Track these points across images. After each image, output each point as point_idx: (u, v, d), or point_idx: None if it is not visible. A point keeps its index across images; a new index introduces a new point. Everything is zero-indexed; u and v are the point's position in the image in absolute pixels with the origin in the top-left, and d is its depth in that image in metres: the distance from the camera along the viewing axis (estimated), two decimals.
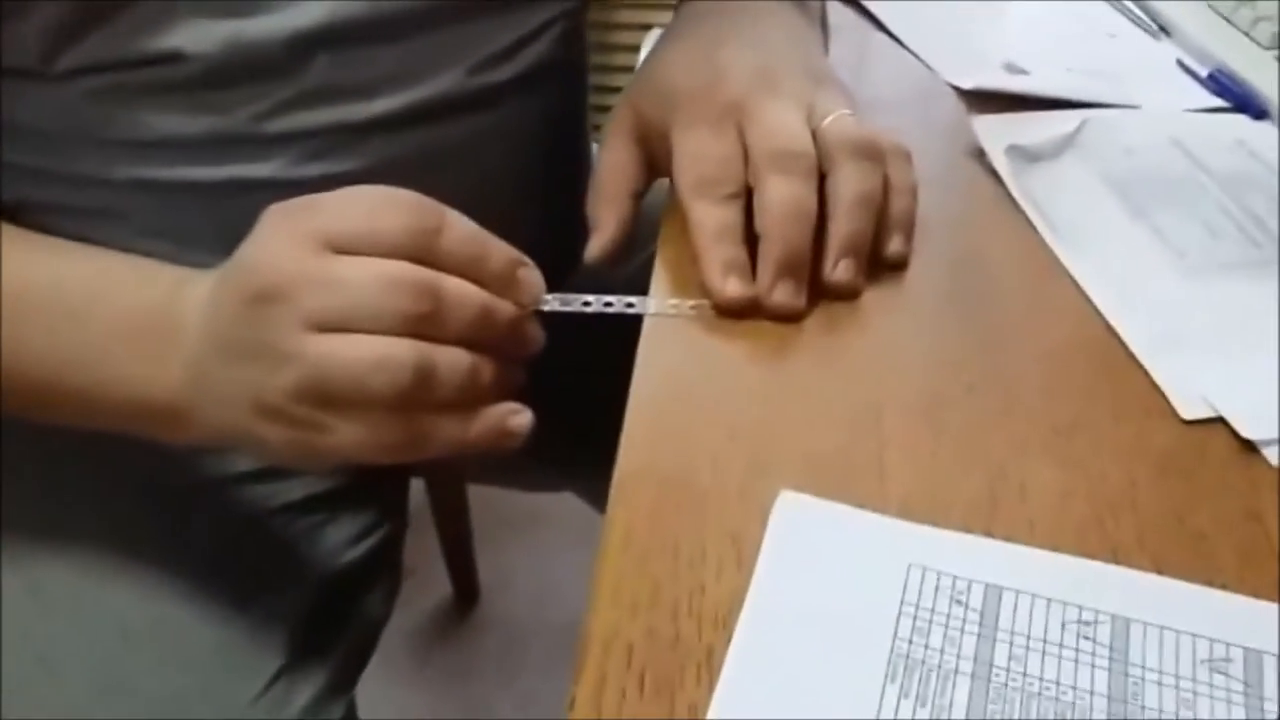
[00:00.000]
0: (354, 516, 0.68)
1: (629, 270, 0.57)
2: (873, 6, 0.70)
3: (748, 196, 0.49)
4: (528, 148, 0.63)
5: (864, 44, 0.68)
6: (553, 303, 0.49)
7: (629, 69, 1.67)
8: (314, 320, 0.43)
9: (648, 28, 1.63)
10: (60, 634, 0.58)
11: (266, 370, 0.43)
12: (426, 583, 1.33)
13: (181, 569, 0.60)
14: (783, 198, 0.47)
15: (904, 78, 0.65)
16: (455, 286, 0.45)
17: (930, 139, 0.60)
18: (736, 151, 0.49)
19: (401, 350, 0.43)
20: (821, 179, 0.48)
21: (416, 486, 1.13)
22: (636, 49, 1.63)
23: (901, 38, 0.67)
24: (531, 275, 0.48)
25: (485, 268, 0.46)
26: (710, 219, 0.49)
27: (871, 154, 0.49)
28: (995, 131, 0.57)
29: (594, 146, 0.80)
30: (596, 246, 0.55)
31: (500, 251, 0.46)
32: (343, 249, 0.44)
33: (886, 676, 0.34)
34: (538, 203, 0.66)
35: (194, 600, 0.60)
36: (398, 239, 0.44)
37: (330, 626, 0.66)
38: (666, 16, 0.60)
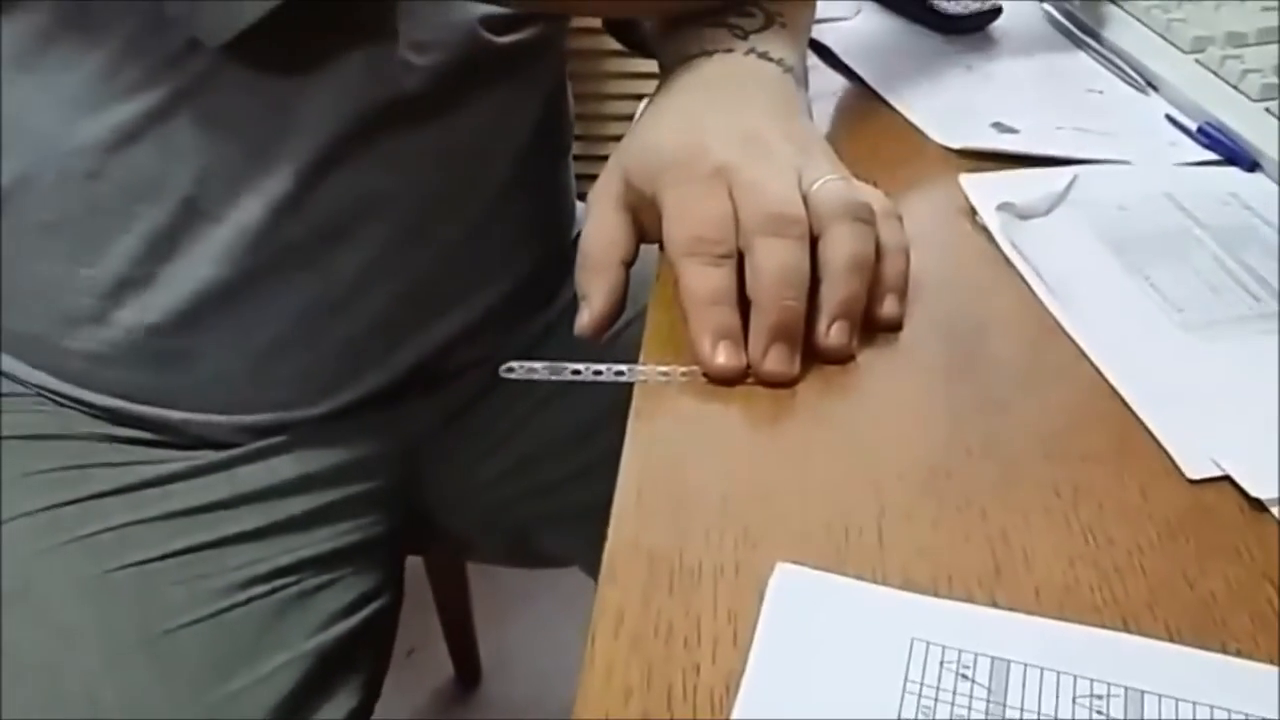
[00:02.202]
0: (346, 586, 0.68)
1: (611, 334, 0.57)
2: (860, 70, 0.70)
3: (739, 260, 0.48)
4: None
5: (851, 107, 0.68)
6: (541, 371, 0.48)
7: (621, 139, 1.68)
8: None
9: (639, 98, 1.64)
10: (28, 702, 0.57)
11: None
12: (428, 663, 1.30)
13: (155, 637, 0.60)
14: (775, 263, 0.47)
15: (892, 139, 0.65)
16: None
17: (921, 200, 0.59)
18: (727, 211, 0.48)
19: None
20: (813, 243, 0.48)
21: (416, 564, 1.11)
22: (628, 118, 1.64)
23: (889, 99, 0.67)
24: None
25: None
26: (701, 282, 0.48)
27: (862, 216, 0.48)
28: (985, 190, 0.56)
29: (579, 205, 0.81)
30: (587, 319, 0.54)
31: None
32: None
33: None
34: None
35: (167, 671, 0.59)
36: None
37: (319, 699, 0.64)
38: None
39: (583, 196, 0.82)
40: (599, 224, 0.55)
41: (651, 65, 0.66)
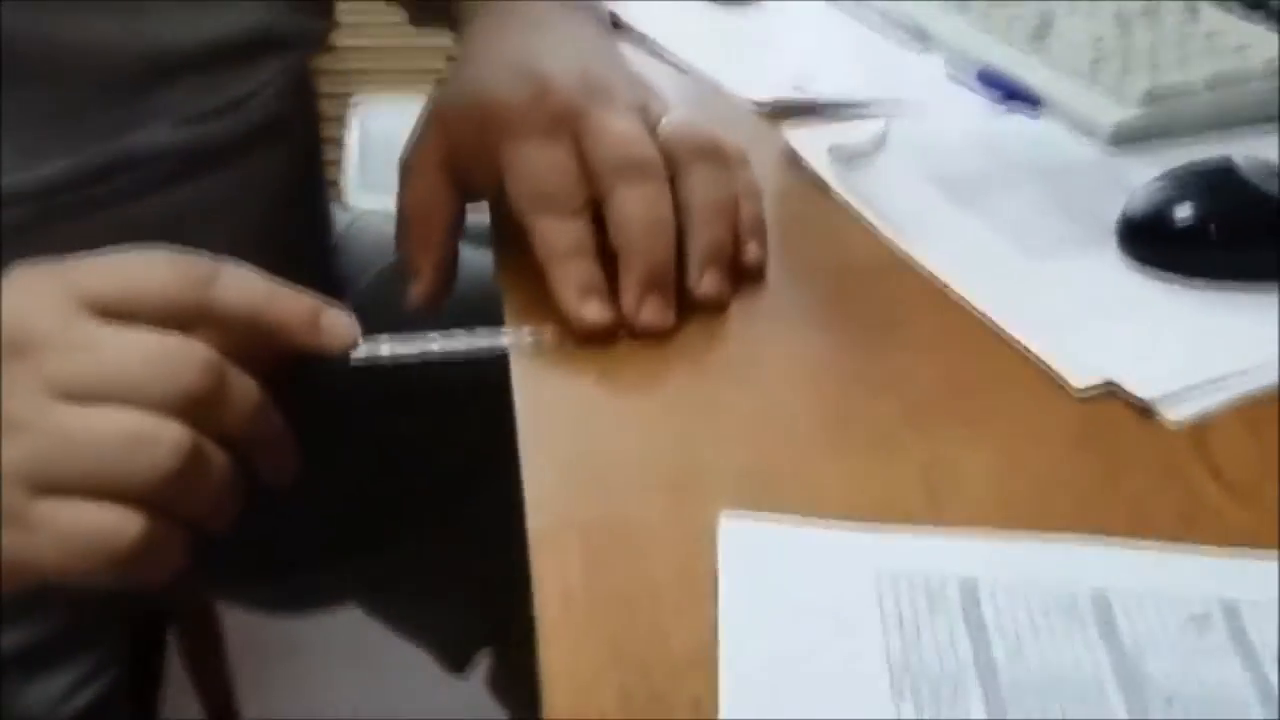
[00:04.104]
0: (63, 669, 0.58)
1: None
2: (642, 29, 0.68)
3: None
4: (260, 209, 0.56)
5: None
6: (387, 346, 0.43)
7: (332, 140, 1.59)
8: (61, 385, 0.35)
9: (347, 96, 1.57)
10: None
11: None
12: None
13: None
14: (639, 209, 0.44)
15: (686, 98, 0.64)
16: (237, 373, 0.38)
17: None
18: (575, 161, 0.45)
19: (172, 429, 0.36)
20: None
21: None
22: (339, 119, 1.56)
23: (682, 59, 0.66)
24: (339, 319, 0.41)
25: (275, 316, 0.40)
26: (558, 236, 0.44)
27: (718, 156, 0.46)
28: (810, 141, 0.56)
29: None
30: (418, 292, 0.49)
31: (293, 297, 0.40)
32: (106, 309, 0.37)
33: (896, 695, 0.31)
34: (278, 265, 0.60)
35: None
36: (168, 292, 0.38)
37: None
38: (368, 85, 0.56)
39: None
40: (420, 190, 0.50)
41: None
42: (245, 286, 0.39)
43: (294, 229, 0.61)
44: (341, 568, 0.70)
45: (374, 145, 1.41)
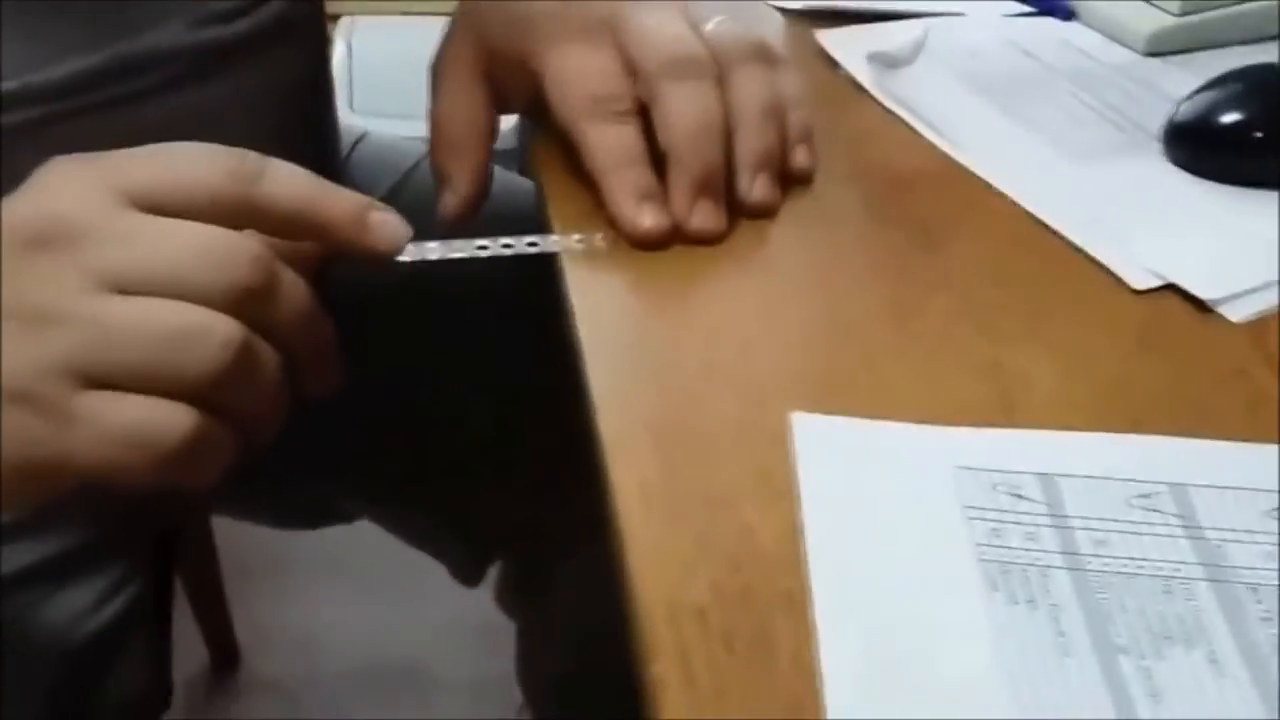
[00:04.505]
0: (90, 581, 0.56)
1: None
2: None
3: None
4: (271, 116, 0.55)
5: None
6: (438, 249, 0.42)
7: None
8: (103, 277, 0.34)
9: (335, 18, 1.53)
10: None
11: (23, 335, 0.33)
12: (180, 648, 1.17)
13: None
14: (689, 108, 0.43)
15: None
16: (286, 270, 0.37)
17: None
18: (620, 64, 0.44)
19: (224, 323, 0.34)
20: None
21: None
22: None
23: None
24: (387, 219, 0.40)
25: (323, 214, 0.38)
26: (608, 141, 0.43)
27: (768, 59, 0.45)
28: (845, 44, 0.55)
29: None
30: (453, 203, 0.48)
31: (341, 194, 0.39)
32: (149, 202, 0.35)
33: (987, 586, 0.31)
34: None
35: None
36: (214, 186, 0.36)
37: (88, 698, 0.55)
38: (355, 4, 0.54)
39: None
40: (454, 98, 0.49)
41: None
42: (293, 182, 0.38)
43: (305, 138, 0.59)
44: (359, 480, 0.69)
45: (362, 67, 1.38)
